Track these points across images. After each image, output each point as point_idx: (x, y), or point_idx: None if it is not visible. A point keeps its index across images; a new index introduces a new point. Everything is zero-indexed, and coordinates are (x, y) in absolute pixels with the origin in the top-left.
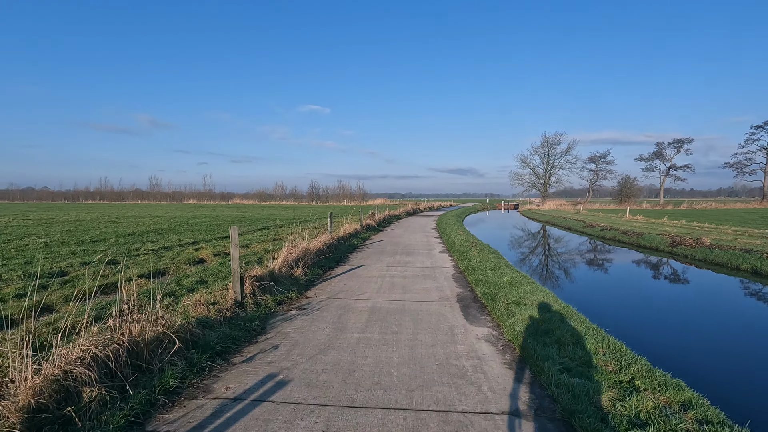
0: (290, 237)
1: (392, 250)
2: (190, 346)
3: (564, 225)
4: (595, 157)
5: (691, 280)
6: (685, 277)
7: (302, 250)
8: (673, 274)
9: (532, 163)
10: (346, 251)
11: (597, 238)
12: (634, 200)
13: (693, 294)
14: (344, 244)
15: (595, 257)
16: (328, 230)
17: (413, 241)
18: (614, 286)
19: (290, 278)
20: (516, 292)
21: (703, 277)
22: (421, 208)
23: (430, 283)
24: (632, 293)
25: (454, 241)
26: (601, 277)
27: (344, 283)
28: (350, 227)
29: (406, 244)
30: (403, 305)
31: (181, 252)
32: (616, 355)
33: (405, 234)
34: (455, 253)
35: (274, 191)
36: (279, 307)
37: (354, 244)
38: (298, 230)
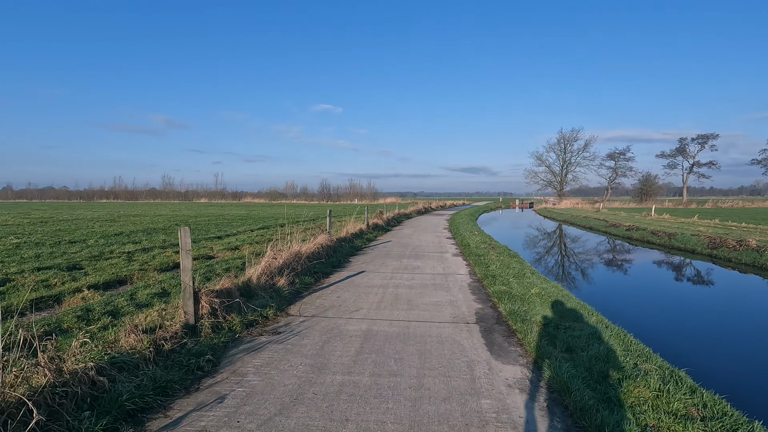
0: (278, 238)
1: (399, 253)
2: (83, 406)
3: (584, 225)
4: (615, 154)
5: (753, 290)
6: (745, 287)
7: (292, 255)
8: (729, 282)
9: (547, 161)
10: (347, 254)
11: (622, 238)
12: (655, 199)
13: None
14: (345, 246)
15: (628, 262)
16: (327, 231)
17: (423, 242)
18: (660, 296)
19: (271, 290)
20: (549, 308)
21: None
22: (433, 207)
23: (442, 295)
24: (684, 307)
25: (468, 243)
26: (640, 286)
27: (338, 295)
28: (354, 227)
29: (415, 246)
30: (407, 328)
31: (158, 255)
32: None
33: (415, 234)
34: (471, 257)
35: (285, 190)
36: (247, 330)
37: (357, 246)
38: (297, 230)
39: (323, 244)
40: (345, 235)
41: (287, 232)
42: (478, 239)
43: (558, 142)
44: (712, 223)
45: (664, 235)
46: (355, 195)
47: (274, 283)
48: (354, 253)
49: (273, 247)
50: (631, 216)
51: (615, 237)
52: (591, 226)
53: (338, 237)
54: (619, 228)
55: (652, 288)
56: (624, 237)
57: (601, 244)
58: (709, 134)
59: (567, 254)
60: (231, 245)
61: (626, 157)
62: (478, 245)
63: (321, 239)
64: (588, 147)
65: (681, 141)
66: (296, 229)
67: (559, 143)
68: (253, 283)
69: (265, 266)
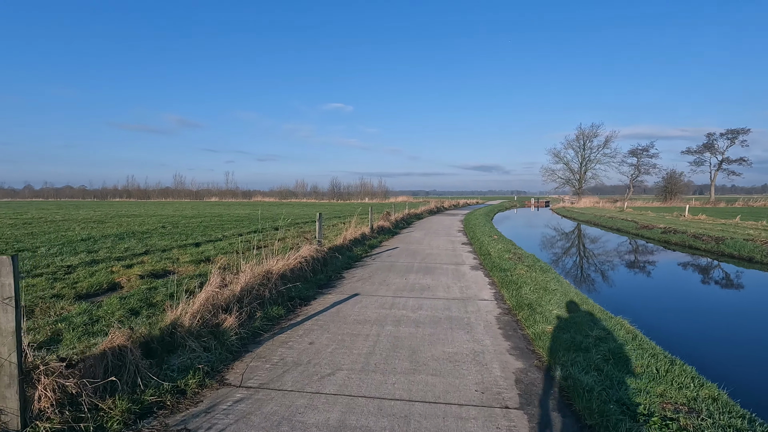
0: (267, 245)
1: (406, 265)
2: None
3: (611, 226)
4: (637, 151)
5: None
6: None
7: (258, 276)
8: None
9: (566, 158)
10: (341, 267)
11: (658, 242)
12: (680, 197)
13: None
14: (341, 256)
15: (696, 278)
16: (316, 239)
17: (436, 249)
18: None
19: (212, 334)
20: (635, 376)
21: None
22: (445, 206)
23: (461, 339)
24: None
25: (489, 251)
26: (739, 321)
27: (311, 340)
28: (356, 231)
29: (425, 255)
30: (406, 422)
31: (101, 270)
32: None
33: (426, 238)
34: (494, 272)
35: (296, 188)
36: (131, 429)
37: (356, 256)
38: (292, 234)
39: (309, 256)
40: (342, 243)
41: (279, 236)
42: (500, 246)
43: (577, 138)
44: (760, 225)
45: (710, 239)
46: (366, 193)
47: (218, 323)
48: (351, 266)
49: (220, 268)
50: (661, 216)
51: (649, 240)
52: (619, 228)
53: (333, 245)
54: (653, 230)
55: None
56: (660, 241)
57: (641, 251)
58: (739, 129)
59: (610, 267)
60: (204, 255)
61: (650, 154)
62: (500, 254)
63: (306, 251)
64: (608, 143)
65: (708, 136)
66: (292, 233)
67: (578, 139)
68: (183, 327)
69: (205, 300)
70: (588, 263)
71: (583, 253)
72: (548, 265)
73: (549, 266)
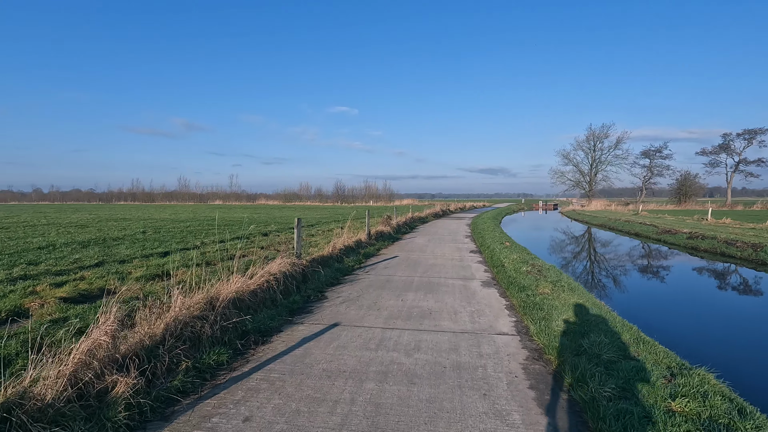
0: (243, 254)
1: (404, 280)
2: None
3: (627, 230)
4: (650, 152)
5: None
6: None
7: (196, 306)
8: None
9: (575, 159)
10: (325, 283)
11: (684, 249)
12: (695, 200)
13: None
14: (325, 269)
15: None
16: (294, 252)
17: (440, 258)
18: None
19: (88, 409)
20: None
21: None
22: (451, 209)
23: (474, 410)
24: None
25: (502, 262)
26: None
27: (247, 413)
28: (348, 238)
29: (428, 266)
30: None
31: (20, 290)
32: None
33: (429, 246)
34: (511, 291)
35: (300, 191)
36: None
37: (346, 268)
38: (282, 239)
39: (280, 273)
40: (330, 253)
41: (265, 243)
42: (515, 256)
43: (587, 139)
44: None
45: (746, 246)
46: (371, 196)
47: (107, 387)
48: (338, 281)
49: (120, 302)
50: (681, 220)
51: (672, 246)
52: (637, 232)
53: (318, 256)
54: (676, 235)
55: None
56: (686, 247)
57: (675, 260)
58: (757, 129)
59: (646, 282)
60: (164, 268)
61: (663, 155)
62: (516, 266)
63: (276, 266)
64: (620, 144)
65: (725, 137)
66: (282, 238)
67: (588, 140)
68: (40, 401)
69: (87, 353)
70: (621, 278)
71: (609, 263)
72: (575, 282)
73: (577, 283)
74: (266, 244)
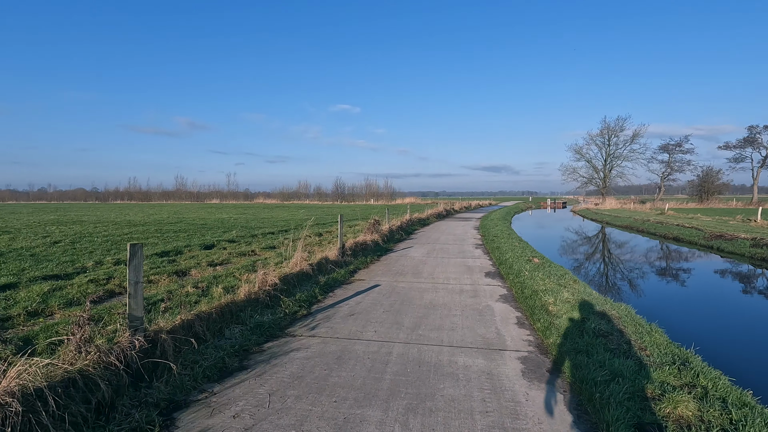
0: None
1: (373, 357)
2: None
3: (663, 233)
4: (669, 146)
5: None
6: None
7: None
8: None
9: (588, 155)
10: (196, 378)
11: (752, 260)
12: (718, 197)
13: None
14: (232, 329)
15: None
16: (130, 318)
17: (442, 291)
18: None
19: None
20: None
21: None
22: (456, 209)
23: None
24: None
25: (544, 302)
26: None
27: None
28: (301, 260)
29: (423, 311)
30: None
31: None
32: None
33: (428, 262)
34: (604, 411)
35: (298, 190)
36: None
37: (275, 322)
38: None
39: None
40: (248, 295)
41: (251, 249)
42: (567, 295)
43: (601, 133)
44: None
45: None
46: (371, 195)
47: None
48: (237, 365)
49: None
50: (723, 221)
51: (731, 256)
52: (677, 237)
53: (220, 306)
54: (734, 242)
55: None
56: (755, 258)
57: None
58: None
59: None
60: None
61: (683, 149)
62: (570, 311)
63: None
64: (637, 138)
65: (750, 130)
66: (256, 246)
67: (602, 134)
68: None
69: None
70: (703, 308)
71: (667, 278)
72: (691, 354)
73: (702, 362)
74: (249, 249)
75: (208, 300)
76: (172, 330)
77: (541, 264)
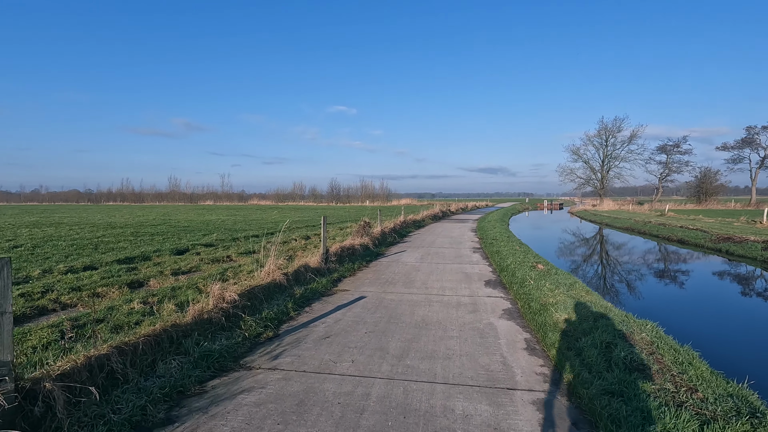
0: None
1: (345, 398)
2: None
3: (666, 235)
4: (667, 147)
5: None
6: None
7: None
8: None
9: (585, 155)
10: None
11: (761, 263)
12: (716, 198)
13: None
14: (168, 362)
15: None
16: None
17: (437, 304)
18: None
19: None
20: None
21: None
22: (452, 210)
23: None
24: None
25: (555, 320)
26: None
27: None
28: (274, 270)
29: (414, 330)
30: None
31: None
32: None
33: (422, 268)
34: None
35: (293, 191)
36: None
37: (230, 349)
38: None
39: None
40: (201, 314)
41: (226, 254)
42: (581, 310)
43: (598, 134)
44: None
45: None
46: (367, 196)
47: None
48: (183, 398)
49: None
50: (727, 223)
51: (741, 260)
52: (682, 239)
53: (192, 316)
54: (743, 245)
55: None
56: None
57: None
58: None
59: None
60: None
61: (681, 150)
62: (593, 340)
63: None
64: (635, 138)
65: (748, 130)
66: (222, 253)
67: (599, 135)
68: None
69: None
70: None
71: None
72: None
73: None
74: (224, 255)
75: (151, 321)
76: (69, 373)
77: (546, 271)
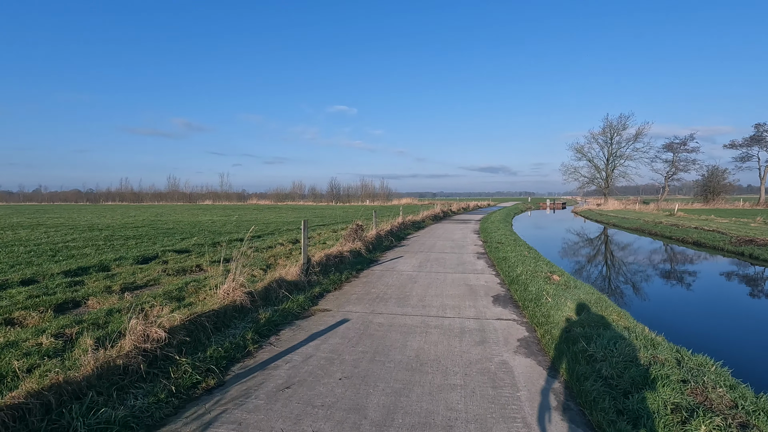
0: None
1: None
2: None
3: (680, 237)
4: (674, 145)
5: None
6: None
7: None
8: None
9: (590, 154)
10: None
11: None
12: (724, 197)
13: None
14: (124, 392)
15: None
16: None
17: (436, 332)
18: None
19: None
20: None
21: None
22: (453, 210)
23: None
24: None
25: (601, 371)
26: None
27: None
28: (234, 290)
29: (408, 374)
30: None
31: None
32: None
33: (419, 281)
34: None
35: (292, 191)
36: None
37: (182, 387)
38: None
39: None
40: (153, 339)
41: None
42: (623, 346)
43: (603, 132)
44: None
45: None
46: (367, 195)
47: None
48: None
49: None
50: (744, 224)
51: (765, 264)
52: (698, 241)
53: (92, 367)
54: None
55: None
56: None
57: None
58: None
59: None
60: None
61: (688, 148)
62: (655, 399)
63: None
64: (641, 136)
65: (757, 127)
66: (195, 260)
67: (604, 132)
68: None
69: None
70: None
71: None
72: None
73: None
74: (208, 260)
75: (46, 369)
76: None
77: (564, 283)
